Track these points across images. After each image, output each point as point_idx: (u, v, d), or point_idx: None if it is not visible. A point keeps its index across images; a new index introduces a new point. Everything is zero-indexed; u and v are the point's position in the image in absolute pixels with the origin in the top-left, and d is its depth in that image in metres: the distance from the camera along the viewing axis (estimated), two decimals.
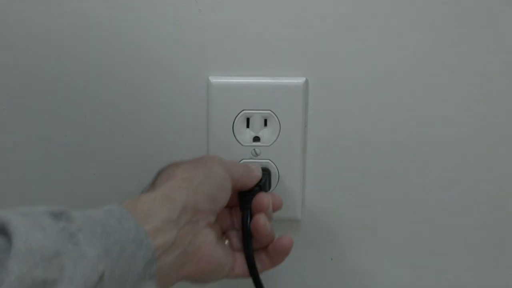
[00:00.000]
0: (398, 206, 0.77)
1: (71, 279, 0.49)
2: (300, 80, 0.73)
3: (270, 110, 0.73)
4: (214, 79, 0.73)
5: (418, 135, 0.75)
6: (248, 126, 0.74)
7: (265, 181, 0.72)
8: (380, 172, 0.76)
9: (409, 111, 0.74)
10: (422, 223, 0.78)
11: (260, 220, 0.67)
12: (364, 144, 0.75)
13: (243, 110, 0.73)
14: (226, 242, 0.69)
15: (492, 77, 0.73)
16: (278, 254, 0.68)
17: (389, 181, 0.76)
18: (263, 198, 0.68)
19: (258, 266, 0.68)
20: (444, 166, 0.76)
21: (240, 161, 0.74)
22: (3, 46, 0.72)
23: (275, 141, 0.74)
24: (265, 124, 0.74)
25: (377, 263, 0.79)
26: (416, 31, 0.71)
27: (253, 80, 0.73)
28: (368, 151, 0.75)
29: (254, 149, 0.74)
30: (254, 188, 0.70)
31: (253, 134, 0.74)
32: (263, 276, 0.70)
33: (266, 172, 0.73)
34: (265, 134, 0.74)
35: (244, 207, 0.69)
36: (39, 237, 0.49)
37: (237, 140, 0.74)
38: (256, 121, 0.74)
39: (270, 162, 0.74)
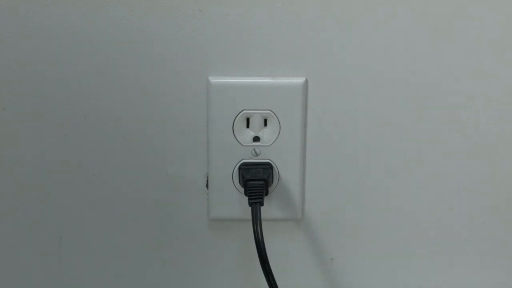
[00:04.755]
0: (398, 206, 0.77)
1: None
2: (300, 80, 0.73)
3: (270, 110, 0.73)
4: (214, 79, 0.73)
5: (418, 135, 0.75)
6: (248, 126, 0.74)
7: (268, 175, 0.72)
8: (380, 172, 0.76)
9: (410, 111, 0.74)
10: (422, 223, 0.78)
11: None
12: (364, 144, 0.75)
13: (243, 110, 0.73)
14: None
15: (496, 78, 0.73)
16: None
17: (389, 181, 0.76)
18: None
19: None
20: (445, 166, 0.76)
21: (240, 161, 0.74)
22: (3, 46, 0.72)
23: (275, 141, 0.74)
24: (265, 124, 0.74)
25: (377, 263, 0.79)
26: (418, 31, 0.71)
27: (253, 80, 0.73)
28: (368, 151, 0.75)
29: (254, 149, 0.74)
30: (259, 182, 0.71)
31: (253, 134, 0.74)
32: (261, 277, 0.70)
33: (268, 166, 0.74)
34: (265, 134, 0.74)
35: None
36: None
37: (237, 140, 0.74)
38: (256, 121, 0.74)
39: (270, 162, 0.74)
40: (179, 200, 0.77)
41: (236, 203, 0.76)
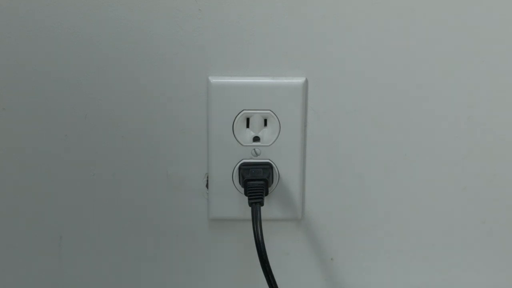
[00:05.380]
0: (398, 206, 0.77)
1: None
2: (300, 80, 0.73)
3: (270, 110, 0.73)
4: (214, 79, 0.73)
5: (418, 135, 0.75)
6: (248, 126, 0.74)
7: (268, 175, 0.73)
8: (380, 172, 0.76)
9: (410, 111, 0.74)
10: (422, 223, 0.78)
11: None
12: (364, 144, 0.75)
13: (243, 110, 0.73)
14: None
15: (496, 78, 0.73)
16: None
17: (389, 181, 0.76)
18: None
19: None
20: (445, 166, 0.76)
21: (240, 161, 0.74)
22: (3, 46, 0.72)
23: (275, 141, 0.74)
24: (265, 124, 0.74)
25: (377, 263, 0.79)
26: (417, 31, 0.71)
27: (253, 80, 0.73)
28: (368, 151, 0.75)
29: (254, 149, 0.74)
30: (259, 182, 0.71)
31: (253, 134, 0.74)
32: (261, 277, 0.70)
33: (268, 166, 0.74)
34: (265, 134, 0.74)
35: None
36: None
37: (237, 140, 0.74)
38: (256, 121, 0.74)
39: (270, 162, 0.74)
40: (179, 200, 0.77)
41: (236, 203, 0.76)
